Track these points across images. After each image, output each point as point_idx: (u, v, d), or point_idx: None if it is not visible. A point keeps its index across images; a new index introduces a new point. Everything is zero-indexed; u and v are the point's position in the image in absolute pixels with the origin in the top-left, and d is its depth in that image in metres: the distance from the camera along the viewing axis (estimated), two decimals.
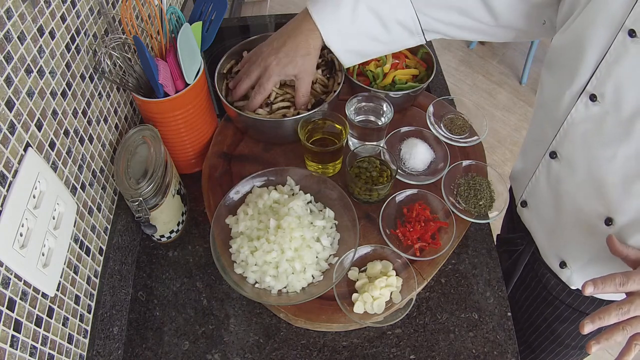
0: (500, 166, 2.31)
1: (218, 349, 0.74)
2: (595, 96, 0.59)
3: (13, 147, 0.52)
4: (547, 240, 0.79)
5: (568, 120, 0.64)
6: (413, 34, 0.80)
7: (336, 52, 0.80)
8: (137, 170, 0.74)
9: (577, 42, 0.60)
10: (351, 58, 0.83)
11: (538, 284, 0.87)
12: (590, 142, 0.63)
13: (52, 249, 0.58)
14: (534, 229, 0.82)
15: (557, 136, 0.68)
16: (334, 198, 0.78)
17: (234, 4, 2.46)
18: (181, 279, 0.82)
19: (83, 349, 0.66)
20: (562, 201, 0.71)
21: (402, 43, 0.82)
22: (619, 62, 0.55)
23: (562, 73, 0.65)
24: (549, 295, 0.85)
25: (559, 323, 0.87)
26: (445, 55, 2.86)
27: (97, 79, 0.75)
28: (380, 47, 0.82)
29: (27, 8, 0.56)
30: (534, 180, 0.77)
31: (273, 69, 0.80)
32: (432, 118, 0.91)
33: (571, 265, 0.75)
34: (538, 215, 0.79)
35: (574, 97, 0.63)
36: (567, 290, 0.81)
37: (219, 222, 0.76)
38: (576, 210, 0.69)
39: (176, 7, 0.79)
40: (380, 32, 0.78)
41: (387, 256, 0.76)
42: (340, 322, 0.71)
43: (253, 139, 0.93)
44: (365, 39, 0.79)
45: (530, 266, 0.88)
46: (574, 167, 0.66)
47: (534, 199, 0.79)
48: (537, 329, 0.93)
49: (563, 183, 0.70)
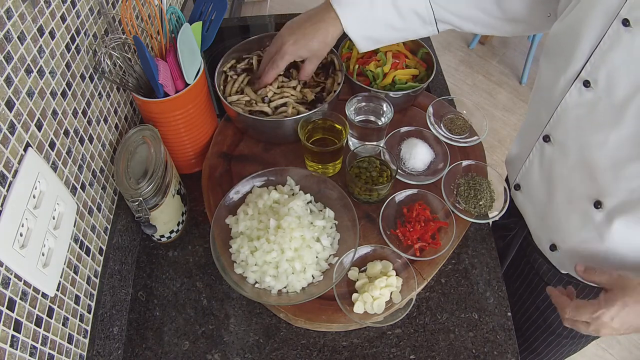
0: (500, 166, 2.29)
1: (218, 349, 0.74)
2: (589, 82, 0.61)
3: (13, 147, 0.52)
4: (538, 222, 0.81)
5: (562, 104, 0.66)
6: (426, 23, 0.83)
7: (354, 38, 0.83)
8: (137, 170, 0.74)
9: (573, 29, 0.62)
10: (367, 44, 0.85)
11: (530, 270, 0.89)
12: (582, 126, 0.65)
13: (52, 249, 0.58)
14: (527, 211, 0.83)
15: (551, 120, 0.70)
16: (334, 198, 0.78)
17: (234, 4, 2.46)
18: (181, 279, 0.82)
19: (83, 349, 0.66)
20: (553, 184, 0.73)
21: (416, 32, 0.85)
22: (612, 50, 0.57)
23: (558, 59, 0.67)
24: (541, 281, 0.87)
25: (552, 310, 0.88)
26: (445, 55, 2.86)
27: (97, 79, 0.75)
28: (394, 34, 0.84)
29: (27, 8, 0.56)
30: (527, 164, 0.79)
31: (288, 48, 0.82)
32: (432, 118, 0.91)
33: (561, 247, 0.76)
34: (530, 198, 0.81)
35: (568, 83, 0.65)
36: (558, 276, 0.82)
37: (219, 222, 0.76)
38: (567, 193, 0.71)
39: (176, 7, 0.79)
40: (396, 19, 0.81)
41: (387, 256, 0.76)
42: (340, 322, 0.71)
43: (253, 139, 0.93)
44: (382, 26, 0.82)
45: (522, 251, 0.90)
46: (566, 151, 0.68)
47: (527, 182, 0.81)
48: (530, 317, 0.94)
49: (555, 166, 0.72)
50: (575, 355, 1.01)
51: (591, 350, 1.79)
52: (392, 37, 0.85)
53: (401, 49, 0.99)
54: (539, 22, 0.77)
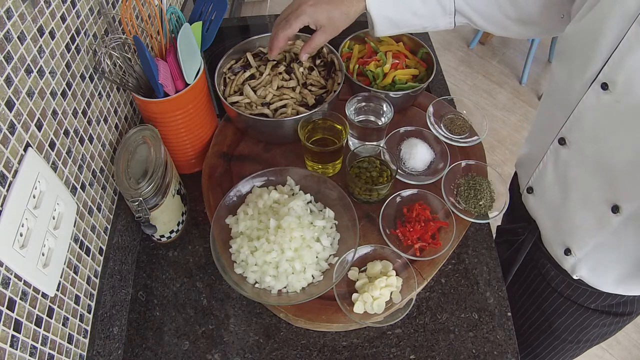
0: (500, 166, 2.31)
1: (218, 349, 0.74)
2: (607, 84, 0.60)
3: (13, 147, 0.52)
4: (552, 226, 0.80)
5: (579, 107, 0.66)
6: (445, 13, 0.82)
7: (374, 16, 0.81)
8: (137, 170, 0.74)
9: (591, 32, 0.62)
10: (385, 26, 0.83)
11: (537, 275, 0.88)
12: (600, 129, 0.64)
13: (52, 249, 0.58)
14: (540, 215, 0.82)
15: (567, 123, 0.69)
16: (334, 198, 0.78)
17: (234, 4, 2.46)
18: (181, 279, 0.82)
19: (83, 349, 0.66)
20: (569, 187, 0.72)
21: (435, 21, 0.83)
22: (631, 52, 0.57)
23: (574, 62, 0.67)
24: (548, 287, 0.86)
25: (557, 316, 0.87)
26: (445, 55, 2.86)
27: (97, 79, 0.75)
28: (414, 20, 0.83)
29: (27, 8, 0.56)
30: (541, 167, 0.78)
31: (307, 8, 0.78)
32: (432, 118, 0.91)
33: (576, 252, 0.75)
34: (544, 201, 0.80)
35: (585, 85, 0.64)
36: (567, 281, 0.81)
37: (219, 222, 0.76)
38: (583, 196, 0.70)
39: (176, 7, 0.79)
40: (419, 4, 0.80)
41: (387, 256, 0.76)
42: (340, 322, 0.71)
43: (253, 139, 0.93)
44: (404, 8, 0.81)
45: (530, 257, 0.89)
46: (582, 154, 0.68)
47: (540, 185, 0.80)
48: (534, 323, 0.93)
49: (571, 169, 0.71)
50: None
51: (591, 350, 1.78)
52: (412, 22, 0.83)
53: (401, 49, 0.99)
54: (551, 24, 0.76)
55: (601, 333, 0.87)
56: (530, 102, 2.63)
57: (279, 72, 0.90)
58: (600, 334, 0.88)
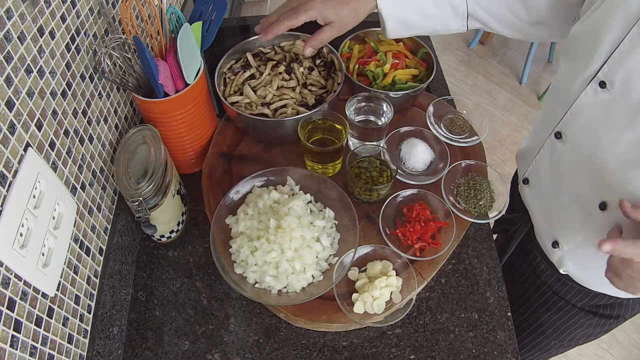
0: (500, 166, 2.31)
1: (218, 349, 0.74)
2: (605, 83, 0.62)
3: (13, 147, 0.52)
4: (543, 218, 0.81)
5: (577, 103, 0.67)
6: (458, 16, 0.82)
7: (385, 17, 0.81)
8: (137, 170, 0.74)
9: (593, 31, 0.63)
10: (396, 27, 0.83)
11: (528, 267, 0.89)
12: (595, 126, 0.65)
13: (52, 249, 0.58)
14: (533, 206, 0.84)
15: (564, 118, 0.70)
16: (334, 198, 0.78)
17: (234, 4, 2.46)
18: (181, 279, 0.82)
19: (83, 349, 0.66)
20: (561, 181, 0.73)
21: (446, 24, 0.83)
22: (631, 53, 0.58)
23: (576, 59, 0.68)
24: (538, 279, 0.87)
25: (544, 310, 0.88)
26: (445, 55, 2.86)
27: (97, 79, 0.75)
28: (425, 21, 0.83)
29: (27, 8, 0.56)
30: (537, 159, 0.79)
31: (316, 4, 0.77)
32: (432, 118, 0.91)
33: (563, 245, 0.77)
34: (538, 193, 0.81)
35: (584, 83, 0.65)
36: (556, 276, 0.82)
37: (219, 222, 0.76)
38: (574, 191, 0.71)
39: (176, 7, 0.79)
40: (430, 5, 0.80)
41: (387, 256, 0.76)
42: (340, 322, 0.71)
43: (253, 139, 0.93)
44: (415, 10, 0.81)
45: (522, 247, 0.90)
46: (577, 149, 0.69)
47: (536, 177, 0.81)
48: (522, 315, 0.94)
49: (565, 163, 0.72)
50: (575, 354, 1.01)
51: (591, 350, 1.79)
52: (423, 24, 0.83)
53: (401, 49, 0.99)
54: (563, 26, 0.77)
55: (586, 334, 0.88)
56: (530, 102, 2.63)
57: (279, 72, 0.90)
58: (585, 335, 0.89)
